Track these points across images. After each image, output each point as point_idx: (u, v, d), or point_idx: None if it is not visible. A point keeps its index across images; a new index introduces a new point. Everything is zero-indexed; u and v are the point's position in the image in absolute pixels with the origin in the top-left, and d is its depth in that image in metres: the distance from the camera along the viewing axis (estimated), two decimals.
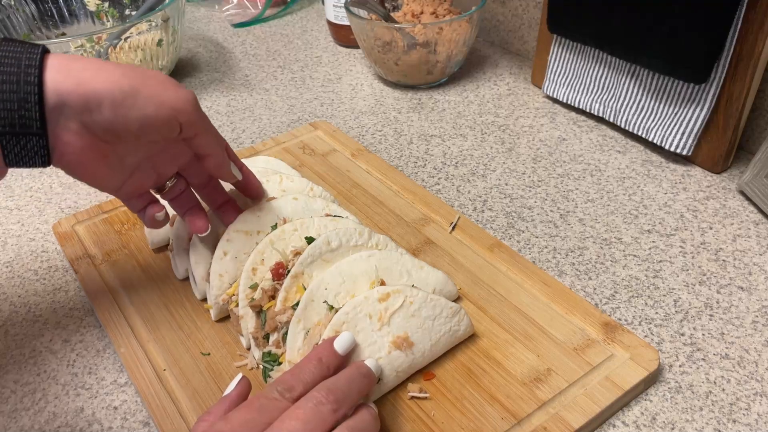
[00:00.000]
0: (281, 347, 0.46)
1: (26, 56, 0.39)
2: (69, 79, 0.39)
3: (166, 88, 0.42)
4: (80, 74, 0.40)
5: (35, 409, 0.48)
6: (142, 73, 0.42)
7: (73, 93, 0.39)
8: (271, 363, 0.46)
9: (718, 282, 0.56)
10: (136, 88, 0.41)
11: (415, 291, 0.46)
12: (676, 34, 0.64)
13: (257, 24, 1.13)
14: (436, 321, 0.46)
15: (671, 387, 0.47)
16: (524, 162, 0.72)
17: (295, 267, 0.48)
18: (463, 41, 0.83)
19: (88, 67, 0.40)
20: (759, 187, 0.62)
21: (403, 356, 0.45)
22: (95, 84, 0.40)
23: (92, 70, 0.40)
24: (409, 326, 0.45)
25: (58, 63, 0.40)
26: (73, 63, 0.40)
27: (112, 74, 0.40)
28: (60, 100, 0.39)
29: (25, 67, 0.38)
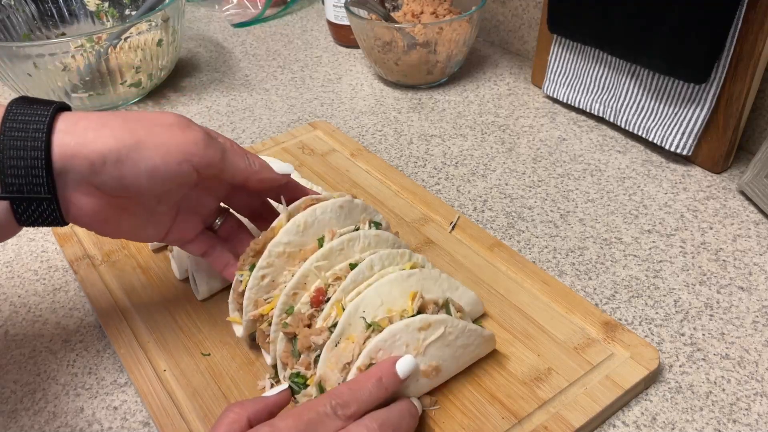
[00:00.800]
0: (311, 369, 0.44)
1: (35, 119, 0.39)
2: (73, 141, 0.39)
3: (173, 133, 0.41)
4: (84, 134, 0.39)
5: (35, 409, 0.48)
6: (149, 121, 0.41)
7: (77, 156, 0.39)
8: (299, 384, 0.44)
9: (719, 282, 0.56)
10: (141, 141, 0.40)
11: (456, 321, 0.44)
12: (676, 34, 0.64)
13: (257, 24, 1.13)
14: (468, 349, 0.45)
15: (671, 387, 0.47)
16: (524, 162, 0.72)
17: (336, 294, 0.45)
18: (463, 41, 0.83)
19: (91, 125, 0.40)
20: (759, 187, 0.62)
21: (428, 382, 0.44)
22: (98, 144, 0.39)
23: (95, 129, 0.39)
24: (442, 355, 0.44)
25: (65, 125, 0.39)
26: (79, 122, 0.40)
27: (116, 130, 0.40)
28: (65, 164, 0.39)
29: (33, 132, 0.38)
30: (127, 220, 0.44)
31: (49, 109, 0.39)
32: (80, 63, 0.79)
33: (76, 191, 0.40)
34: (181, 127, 0.42)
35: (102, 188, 0.41)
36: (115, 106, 0.87)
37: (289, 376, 0.44)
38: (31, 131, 0.38)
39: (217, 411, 0.45)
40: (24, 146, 0.38)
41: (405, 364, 0.40)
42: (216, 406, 0.46)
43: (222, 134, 0.47)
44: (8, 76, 0.79)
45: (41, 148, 0.38)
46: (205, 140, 0.42)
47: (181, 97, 0.90)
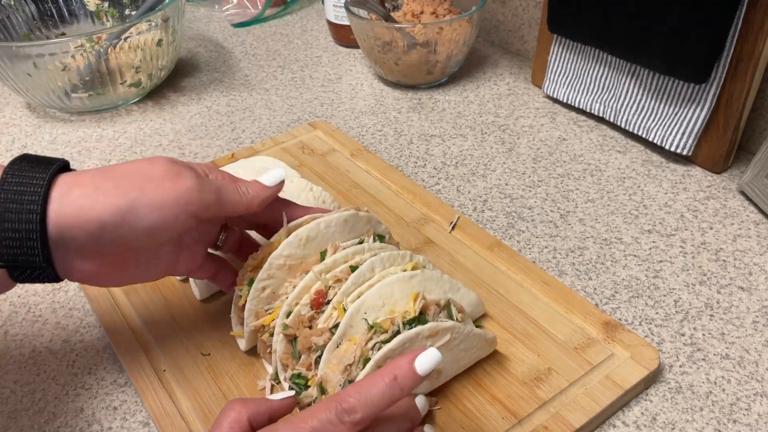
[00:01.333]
0: (312, 370, 0.43)
1: (31, 190, 0.38)
2: (69, 209, 0.39)
3: (165, 186, 0.41)
4: (79, 202, 0.39)
5: (35, 410, 0.48)
6: (140, 176, 0.41)
7: (73, 226, 0.39)
8: (300, 385, 0.43)
9: (719, 282, 0.55)
10: (134, 202, 0.40)
11: (462, 327, 0.44)
12: (676, 34, 0.64)
13: (257, 24, 1.13)
14: (469, 352, 0.46)
15: (671, 387, 0.47)
16: (524, 162, 0.72)
17: (337, 297, 0.45)
18: (463, 41, 0.83)
19: (86, 192, 0.39)
20: (759, 187, 0.62)
21: (428, 383, 0.45)
22: (93, 212, 0.39)
23: (90, 196, 0.39)
24: (445, 359, 0.44)
25: (58, 193, 0.39)
26: (73, 190, 0.39)
27: (109, 195, 0.39)
28: (61, 233, 0.39)
29: (27, 203, 0.38)
30: (131, 270, 0.44)
31: (46, 175, 0.39)
32: (80, 63, 0.79)
33: (74, 257, 0.40)
34: (171, 177, 0.41)
35: (101, 250, 0.41)
36: (114, 106, 0.87)
37: (290, 377, 0.44)
38: (26, 202, 0.38)
39: (217, 411, 0.45)
40: (19, 219, 0.38)
41: (427, 360, 0.35)
42: (216, 406, 0.46)
43: (210, 166, 0.46)
44: (8, 76, 0.78)
45: (36, 221, 0.38)
46: (198, 185, 0.42)
47: (181, 97, 0.90)
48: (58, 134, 0.83)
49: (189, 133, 0.81)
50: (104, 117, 0.86)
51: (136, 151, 0.78)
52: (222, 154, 0.76)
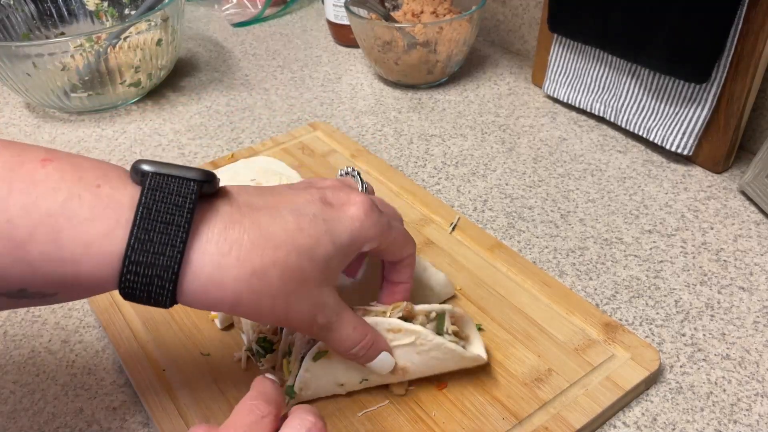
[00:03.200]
0: (277, 334, 0.46)
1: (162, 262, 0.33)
2: (209, 290, 0.34)
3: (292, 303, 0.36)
4: (221, 292, 0.34)
5: (34, 410, 0.48)
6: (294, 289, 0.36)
7: (208, 304, 0.35)
8: (265, 348, 0.46)
9: (719, 282, 0.55)
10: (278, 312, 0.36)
11: (431, 336, 0.43)
12: (676, 34, 0.64)
13: (257, 23, 1.13)
14: (444, 362, 0.44)
15: (672, 387, 0.47)
16: (525, 162, 0.72)
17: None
18: (464, 41, 0.83)
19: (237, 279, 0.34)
20: (760, 187, 0.62)
21: (393, 377, 0.45)
22: (232, 303, 0.35)
23: (237, 291, 0.34)
24: (411, 360, 0.43)
25: (199, 269, 0.34)
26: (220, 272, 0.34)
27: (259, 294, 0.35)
28: (194, 300, 0.35)
29: (158, 279, 0.33)
30: None
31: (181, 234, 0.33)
32: (79, 63, 0.79)
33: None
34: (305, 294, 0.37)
35: None
36: (114, 106, 0.86)
37: (256, 340, 0.46)
38: (160, 267, 0.33)
39: (217, 411, 0.45)
40: (148, 291, 0.33)
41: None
42: (216, 406, 0.46)
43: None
44: (7, 75, 0.78)
45: (167, 295, 0.33)
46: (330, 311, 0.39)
47: (180, 96, 0.90)
48: (58, 134, 0.83)
49: (188, 132, 0.81)
50: (104, 117, 0.86)
51: (135, 151, 0.78)
52: (222, 154, 0.76)
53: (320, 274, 0.37)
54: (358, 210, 0.38)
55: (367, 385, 0.45)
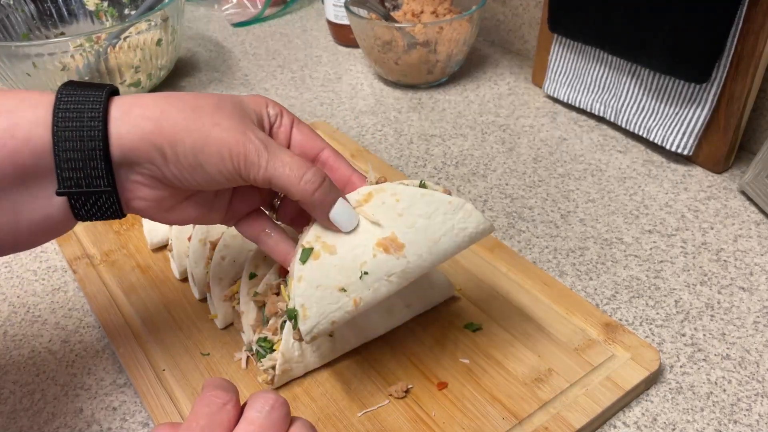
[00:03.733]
0: (278, 334, 0.46)
1: (89, 107, 0.36)
2: (132, 130, 0.36)
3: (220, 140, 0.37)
4: (142, 123, 0.36)
5: (34, 410, 0.48)
6: (207, 115, 0.38)
7: (136, 147, 0.36)
8: (265, 348, 0.45)
9: (719, 282, 0.55)
10: (197, 142, 0.37)
11: (402, 187, 0.41)
12: (677, 34, 0.64)
13: (257, 23, 1.13)
14: (432, 219, 0.41)
15: (672, 388, 0.47)
16: (525, 162, 0.72)
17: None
18: (464, 41, 0.83)
19: (149, 114, 0.37)
20: (760, 187, 0.62)
21: (393, 260, 0.40)
22: (158, 137, 0.36)
23: (154, 119, 0.37)
24: (396, 226, 0.40)
25: (121, 113, 0.36)
26: (134, 108, 0.37)
27: (176, 123, 0.37)
28: (124, 154, 0.37)
29: (88, 120, 0.35)
30: (191, 209, 0.41)
31: (102, 93, 0.36)
32: (79, 63, 0.79)
33: (136, 183, 0.38)
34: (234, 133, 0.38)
35: (162, 181, 0.38)
36: None
37: (256, 340, 0.46)
38: (86, 119, 0.35)
39: None
40: (81, 136, 0.35)
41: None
42: None
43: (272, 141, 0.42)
44: (7, 75, 0.78)
45: (98, 137, 0.35)
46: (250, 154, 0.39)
47: None
48: None
49: None
50: None
51: None
52: None
53: (233, 101, 0.40)
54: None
55: (370, 283, 0.40)
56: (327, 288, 0.40)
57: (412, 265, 0.41)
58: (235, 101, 0.40)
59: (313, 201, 0.39)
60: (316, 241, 0.40)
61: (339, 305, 0.40)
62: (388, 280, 0.41)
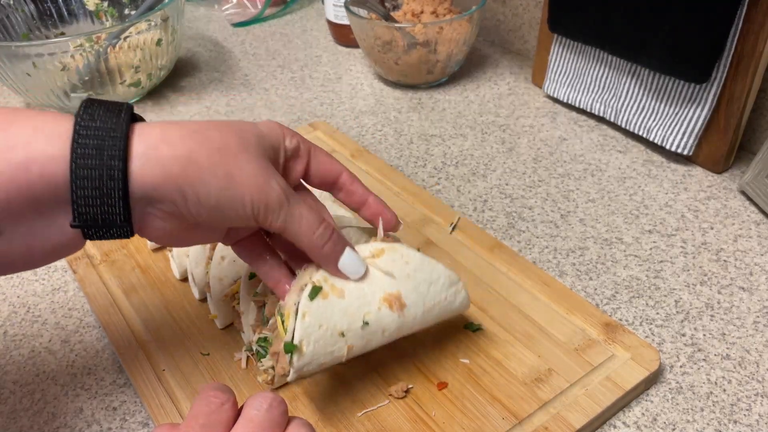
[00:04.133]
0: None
1: (110, 143, 0.35)
2: (156, 171, 0.36)
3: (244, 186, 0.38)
4: (168, 165, 0.36)
5: (34, 410, 0.48)
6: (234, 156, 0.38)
7: (159, 187, 0.36)
8: (265, 348, 0.45)
9: (719, 282, 0.55)
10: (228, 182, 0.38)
11: (413, 252, 0.44)
12: (677, 34, 0.64)
13: (257, 23, 1.13)
14: (432, 287, 0.44)
15: (672, 387, 0.47)
16: (525, 162, 0.72)
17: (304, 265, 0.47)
18: (464, 41, 0.83)
19: (176, 153, 0.36)
20: (760, 187, 0.62)
21: (394, 317, 0.42)
22: (183, 180, 0.36)
23: (180, 161, 0.36)
24: (403, 285, 0.43)
25: (144, 148, 0.35)
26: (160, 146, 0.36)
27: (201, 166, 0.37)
28: (145, 193, 0.36)
29: (108, 159, 0.34)
30: (197, 235, 0.42)
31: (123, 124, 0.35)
32: (79, 63, 0.79)
33: (151, 216, 0.38)
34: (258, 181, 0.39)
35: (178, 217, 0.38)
36: None
37: (256, 340, 0.45)
38: (107, 158, 0.34)
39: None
40: (100, 175, 0.34)
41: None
42: None
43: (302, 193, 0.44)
44: (7, 75, 0.78)
45: (118, 177, 0.34)
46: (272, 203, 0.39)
47: (180, 96, 0.90)
48: None
49: None
50: None
51: None
52: None
53: (257, 142, 0.40)
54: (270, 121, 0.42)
55: (367, 333, 0.42)
56: (329, 329, 0.41)
57: (405, 326, 0.43)
58: (258, 137, 0.40)
59: (322, 254, 0.41)
60: (325, 281, 0.42)
61: (333, 349, 0.41)
62: (382, 334, 0.43)
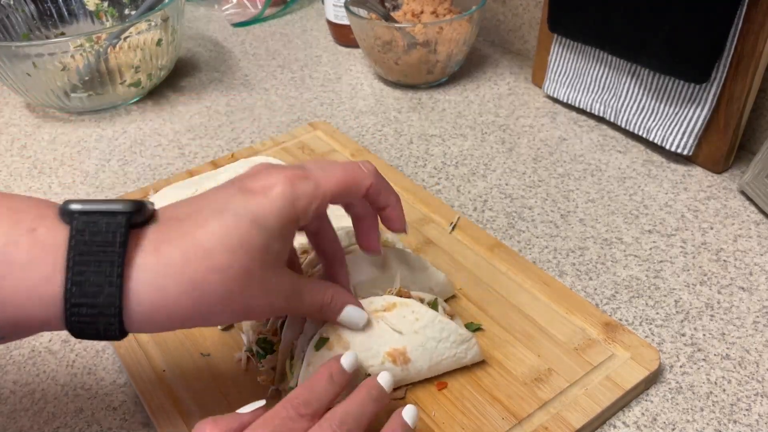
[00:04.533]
0: (277, 335, 0.46)
1: (106, 290, 0.33)
2: (152, 326, 0.35)
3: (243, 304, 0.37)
4: (165, 326, 0.35)
5: (34, 410, 0.48)
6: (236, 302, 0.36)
7: (160, 330, 0.36)
8: (265, 349, 0.46)
9: (719, 282, 0.55)
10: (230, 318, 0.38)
11: (425, 309, 0.44)
12: (676, 34, 0.64)
13: (257, 23, 1.13)
14: (441, 344, 0.44)
15: (672, 387, 0.47)
16: (525, 162, 0.72)
17: (303, 267, 0.48)
18: (464, 41, 0.83)
19: (172, 316, 0.34)
20: (760, 187, 0.62)
21: (397, 370, 0.44)
22: (184, 327, 0.36)
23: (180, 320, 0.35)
24: (410, 341, 0.44)
25: (141, 311, 0.34)
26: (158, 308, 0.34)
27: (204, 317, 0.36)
28: (141, 327, 0.35)
29: (104, 307, 0.33)
30: None
31: (118, 261, 0.33)
32: (79, 63, 0.79)
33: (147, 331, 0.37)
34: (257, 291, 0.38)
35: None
36: (114, 106, 0.86)
37: (256, 341, 0.46)
38: (101, 306, 0.33)
39: (217, 411, 0.45)
40: (96, 329, 0.33)
41: (348, 358, 0.40)
42: (216, 407, 0.46)
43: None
44: (7, 75, 0.78)
45: (114, 329, 0.33)
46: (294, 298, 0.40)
47: (180, 96, 0.90)
48: (58, 134, 0.83)
49: (188, 133, 0.81)
50: (104, 117, 0.86)
51: (135, 151, 0.78)
52: (222, 154, 0.76)
53: (262, 264, 0.36)
54: (280, 189, 0.37)
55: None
56: None
57: (409, 377, 0.45)
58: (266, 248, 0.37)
59: (321, 315, 0.42)
60: (333, 333, 0.43)
61: None
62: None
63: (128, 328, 0.34)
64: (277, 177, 0.37)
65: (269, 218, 0.36)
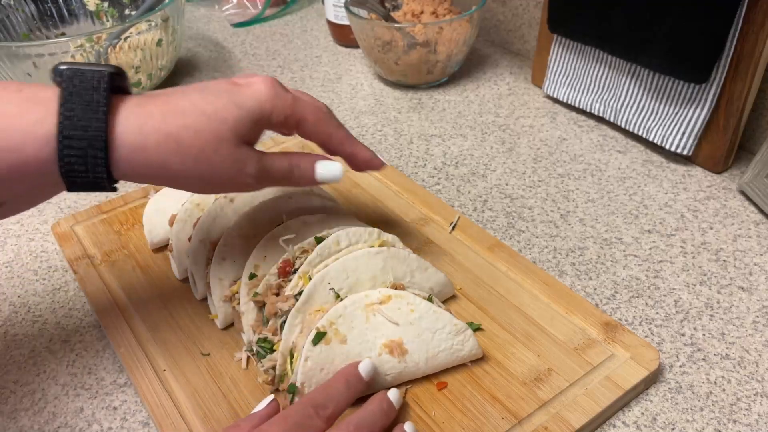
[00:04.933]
0: (277, 334, 0.47)
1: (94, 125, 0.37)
2: (135, 170, 0.39)
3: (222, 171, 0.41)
4: (143, 171, 0.40)
5: (35, 410, 0.48)
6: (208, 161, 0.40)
7: (140, 178, 0.40)
8: (265, 349, 0.46)
9: (719, 282, 0.55)
10: (203, 184, 0.42)
11: (419, 300, 0.46)
12: (676, 34, 0.64)
13: (257, 24, 1.13)
14: (437, 335, 0.45)
15: (672, 387, 0.47)
16: (524, 162, 0.72)
17: (303, 267, 0.48)
18: (464, 41, 0.83)
19: (151, 162, 0.39)
20: (759, 187, 0.62)
21: (395, 362, 0.45)
22: (160, 180, 0.41)
23: (156, 169, 0.40)
24: (406, 333, 0.45)
25: (124, 154, 0.38)
26: (133, 158, 0.39)
27: (177, 174, 0.40)
28: (127, 177, 0.40)
29: (92, 150, 0.38)
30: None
31: (103, 112, 0.38)
32: None
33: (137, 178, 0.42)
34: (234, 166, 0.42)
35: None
36: None
37: (256, 341, 0.47)
38: (90, 138, 0.37)
39: (217, 411, 0.45)
40: (85, 164, 0.38)
41: (365, 366, 0.43)
42: (216, 406, 0.46)
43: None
44: (8, 76, 0.78)
45: (102, 165, 0.38)
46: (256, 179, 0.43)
47: None
48: None
49: None
50: None
51: None
52: None
53: (233, 134, 0.41)
54: (262, 84, 0.42)
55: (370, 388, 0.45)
56: (329, 373, 0.44)
57: (408, 371, 0.45)
58: (237, 122, 0.41)
59: (296, 181, 0.45)
60: (330, 327, 0.44)
61: None
62: (385, 378, 0.45)
63: (113, 171, 0.39)
64: (263, 78, 0.43)
65: (247, 101, 0.41)
